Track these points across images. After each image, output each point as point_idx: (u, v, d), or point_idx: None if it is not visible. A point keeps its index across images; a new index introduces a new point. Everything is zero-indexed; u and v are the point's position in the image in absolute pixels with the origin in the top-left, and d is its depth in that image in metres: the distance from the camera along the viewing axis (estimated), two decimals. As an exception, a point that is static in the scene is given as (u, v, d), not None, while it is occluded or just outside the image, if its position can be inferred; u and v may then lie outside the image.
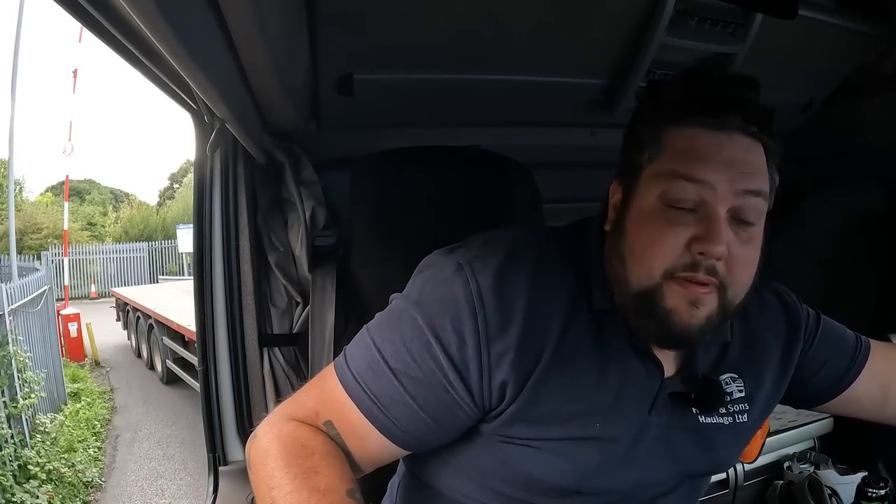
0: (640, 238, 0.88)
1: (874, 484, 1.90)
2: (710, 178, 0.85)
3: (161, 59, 1.09)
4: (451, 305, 0.87)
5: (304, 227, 1.60)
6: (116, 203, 30.80)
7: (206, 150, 1.52)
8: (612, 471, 0.93)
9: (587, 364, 0.90)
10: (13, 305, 5.98)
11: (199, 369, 1.61)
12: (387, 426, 0.88)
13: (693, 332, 0.87)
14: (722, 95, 0.88)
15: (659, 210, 0.87)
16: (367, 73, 1.60)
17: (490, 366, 0.86)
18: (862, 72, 2.09)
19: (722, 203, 0.85)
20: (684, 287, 0.85)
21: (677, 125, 0.89)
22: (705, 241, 0.83)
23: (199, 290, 1.59)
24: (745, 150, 0.88)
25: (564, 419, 0.89)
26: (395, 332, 0.89)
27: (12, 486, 4.72)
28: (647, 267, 0.86)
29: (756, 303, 1.04)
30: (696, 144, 0.87)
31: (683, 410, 0.97)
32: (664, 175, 0.87)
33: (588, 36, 1.68)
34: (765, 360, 1.04)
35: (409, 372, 0.87)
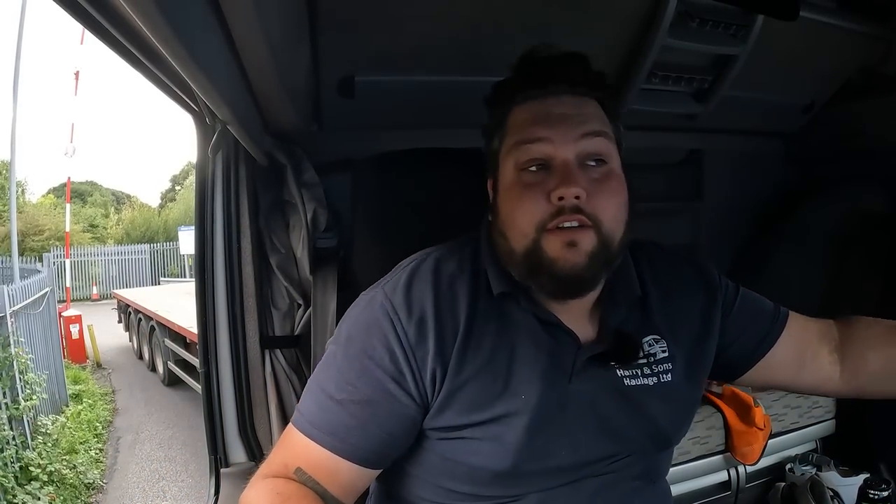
0: (509, 207, 0.97)
1: (876, 485, 1.90)
2: (548, 134, 0.95)
3: (163, 61, 1.09)
4: (374, 328, 0.97)
5: (305, 229, 1.60)
6: (118, 205, 30.83)
7: (207, 152, 1.52)
8: (545, 446, 0.97)
9: (498, 346, 0.98)
10: (15, 307, 5.98)
11: (201, 371, 1.61)
12: (350, 451, 0.95)
13: (580, 273, 0.93)
14: (547, 69, 0.99)
15: (516, 178, 0.96)
16: (368, 74, 1.60)
17: (419, 365, 0.95)
18: (863, 73, 2.09)
19: (564, 151, 0.94)
20: (557, 234, 0.92)
21: (515, 106, 1.00)
22: (560, 186, 0.91)
23: (200, 291, 1.59)
24: (575, 105, 0.97)
25: (488, 400, 0.95)
26: (333, 370, 0.99)
27: (14, 488, 4.72)
28: (520, 228, 0.95)
29: (672, 271, 1.13)
30: (529, 114, 0.98)
31: (606, 374, 1.02)
32: (512, 148, 0.98)
33: (589, 38, 1.68)
34: (684, 323, 1.09)
35: (353, 398, 0.95)
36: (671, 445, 1.11)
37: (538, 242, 0.93)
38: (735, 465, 2.08)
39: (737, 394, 2.04)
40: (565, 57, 1.00)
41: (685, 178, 2.41)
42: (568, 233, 0.92)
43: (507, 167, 0.99)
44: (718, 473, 2.08)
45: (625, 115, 1.87)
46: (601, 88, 1.02)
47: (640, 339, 1.05)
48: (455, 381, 0.95)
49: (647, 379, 1.03)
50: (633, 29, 1.66)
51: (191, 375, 7.32)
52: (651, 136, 2.20)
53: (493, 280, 1.01)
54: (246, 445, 1.62)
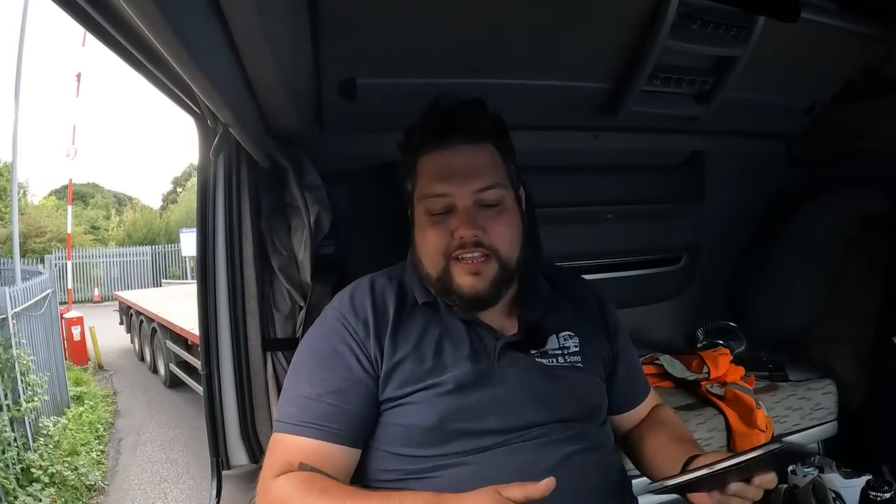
0: (422, 240, 1.21)
1: (878, 487, 1.89)
2: (447, 191, 1.17)
3: (164, 64, 1.09)
4: (332, 333, 1.21)
5: (308, 231, 1.60)
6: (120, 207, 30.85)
7: (209, 154, 1.52)
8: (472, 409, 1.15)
9: (423, 336, 1.20)
10: (16, 309, 5.97)
11: (203, 373, 1.61)
12: (337, 435, 1.13)
13: (483, 296, 1.18)
14: (445, 122, 1.20)
15: (426, 220, 1.20)
16: (370, 77, 1.60)
17: (368, 353, 1.18)
18: (865, 75, 2.09)
19: (463, 201, 1.17)
20: (463, 265, 1.16)
21: (422, 155, 1.22)
22: (459, 228, 1.15)
23: (202, 293, 1.59)
24: (469, 158, 1.19)
25: (418, 376, 1.16)
26: (304, 376, 1.19)
27: (15, 489, 4.71)
28: (432, 256, 1.19)
29: (573, 284, 1.41)
30: (433, 167, 1.20)
31: (526, 359, 1.23)
32: (421, 197, 1.20)
33: (591, 40, 1.69)
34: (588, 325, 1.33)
35: (328, 390, 1.15)
36: (600, 415, 1.29)
37: (447, 269, 1.17)
38: (737, 466, 2.08)
39: (739, 396, 2.04)
40: (461, 107, 1.21)
41: (686, 180, 2.41)
42: (473, 264, 1.16)
43: (420, 210, 1.21)
44: (720, 475, 2.08)
45: (626, 117, 1.89)
46: (493, 133, 1.23)
47: (556, 333, 1.27)
48: (390, 363, 1.17)
49: (560, 363, 1.25)
50: (634, 31, 1.67)
51: (192, 377, 7.30)
52: (652, 137, 2.21)
53: (417, 293, 1.25)
54: (248, 447, 1.61)
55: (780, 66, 1.92)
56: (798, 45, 1.84)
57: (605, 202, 2.28)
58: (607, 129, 2.09)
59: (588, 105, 1.91)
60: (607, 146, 2.14)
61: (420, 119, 1.24)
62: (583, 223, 2.32)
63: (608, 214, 2.32)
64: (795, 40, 1.80)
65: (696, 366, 2.21)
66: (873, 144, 2.18)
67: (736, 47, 1.76)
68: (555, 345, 1.26)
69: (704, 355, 2.22)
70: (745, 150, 2.43)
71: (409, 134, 1.26)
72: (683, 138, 2.29)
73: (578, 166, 2.22)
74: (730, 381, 2.12)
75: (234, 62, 1.07)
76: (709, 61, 1.85)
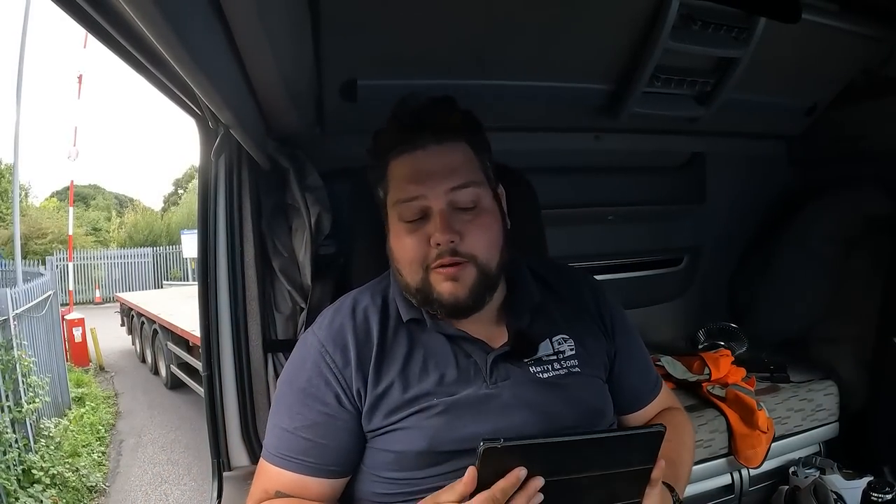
0: (399, 250, 1.15)
1: (880, 488, 1.89)
2: (421, 192, 1.11)
3: (166, 65, 1.09)
4: (309, 362, 1.16)
5: (309, 233, 1.60)
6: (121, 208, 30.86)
7: (210, 156, 1.52)
8: (465, 431, 1.09)
9: (409, 359, 1.15)
10: (18, 310, 5.97)
11: (204, 374, 1.61)
12: (312, 469, 1.12)
13: (464, 302, 1.12)
14: (413, 122, 1.14)
15: (401, 227, 1.14)
16: (370, 78, 1.60)
17: (347, 384, 1.13)
18: (866, 76, 2.09)
19: (437, 203, 1.10)
20: (441, 272, 1.10)
21: (392, 158, 1.15)
22: (435, 235, 1.09)
23: (203, 295, 1.59)
24: (441, 156, 1.13)
25: (405, 402, 1.11)
26: (283, 406, 1.17)
27: (16, 491, 4.71)
28: (409, 268, 1.13)
29: (568, 281, 1.33)
30: (404, 170, 1.14)
31: (520, 371, 1.17)
32: (394, 203, 1.14)
33: (592, 41, 1.69)
34: (584, 324, 1.27)
35: (302, 424, 1.13)
36: (605, 417, 1.23)
37: (426, 279, 1.12)
38: (738, 468, 2.08)
39: (740, 397, 2.04)
40: (429, 106, 1.15)
41: (688, 181, 2.41)
42: (450, 270, 1.10)
43: (393, 217, 1.16)
44: (722, 477, 2.08)
45: (627, 118, 1.89)
46: (465, 130, 1.17)
47: (549, 337, 1.21)
48: (374, 393, 1.12)
49: (557, 371, 1.19)
50: (635, 32, 1.67)
51: (193, 379, 7.31)
52: (653, 138, 2.21)
53: (401, 309, 1.19)
54: (248, 449, 1.61)
55: (780, 67, 1.92)
56: (799, 46, 1.84)
57: (606, 203, 2.28)
58: (608, 131, 2.09)
59: (589, 106, 1.91)
60: (608, 147, 2.14)
61: (388, 121, 1.18)
62: (584, 224, 2.32)
63: (609, 215, 2.32)
64: (796, 41, 1.80)
65: (697, 367, 2.21)
66: (874, 145, 2.18)
67: (737, 48, 1.76)
68: (549, 350, 1.20)
69: (706, 356, 2.22)
70: (746, 152, 2.43)
71: (377, 138, 1.20)
72: (684, 139, 2.29)
73: (579, 167, 2.22)
74: (731, 383, 2.12)
75: (236, 64, 1.07)
76: (710, 62, 1.85)
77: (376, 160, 1.19)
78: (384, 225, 1.21)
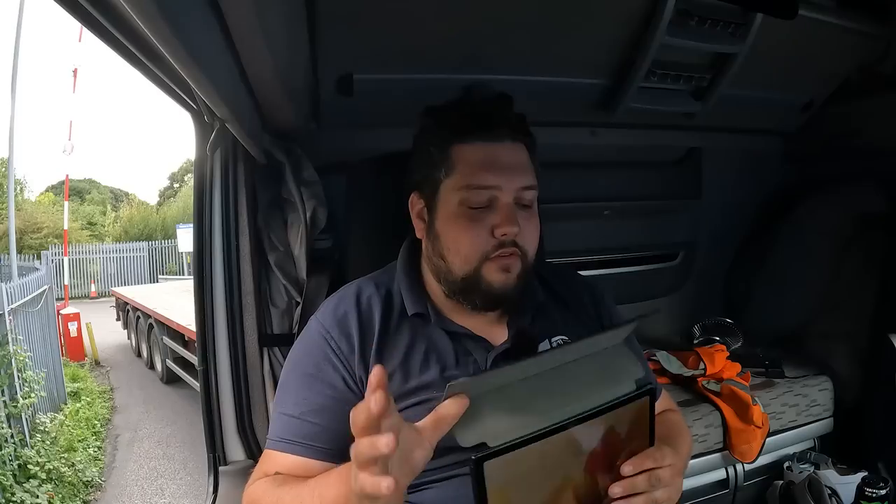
0: (454, 236, 1.14)
1: (874, 484, 1.90)
2: (496, 183, 1.12)
3: (161, 59, 1.09)
4: (314, 348, 1.17)
5: (304, 227, 1.60)
6: (116, 202, 30.74)
7: (206, 150, 1.52)
8: None
9: (410, 353, 1.17)
10: (13, 305, 5.96)
11: (200, 369, 1.61)
12: (320, 453, 1.11)
13: (512, 292, 1.15)
14: (490, 114, 1.14)
15: (462, 213, 1.13)
16: (367, 73, 1.60)
17: (352, 369, 1.15)
18: (862, 72, 2.09)
19: (507, 197, 1.12)
20: (495, 261, 1.12)
21: (463, 143, 1.14)
22: (503, 226, 1.10)
23: (199, 289, 1.59)
24: (514, 153, 1.15)
25: (406, 393, 1.13)
26: (289, 394, 1.17)
27: (12, 486, 4.70)
28: (465, 255, 1.13)
29: (568, 283, 1.36)
30: (478, 157, 1.13)
31: None
32: (461, 187, 1.13)
33: (588, 36, 1.68)
34: (583, 327, 1.28)
35: (310, 408, 1.13)
36: None
37: (479, 270, 1.13)
38: (733, 463, 2.09)
39: (735, 392, 2.05)
40: (501, 99, 1.16)
41: (684, 177, 2.41)
42: (504, 260, 1.12)
43: (452, 200, 1.14)
44: (716, 471, 2.09)
45: (624, 113, 1.89)
46: (527, 132, 1.19)
47: (548, 338, 1.22)
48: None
49: None
50: (632, 27, 1.66)
51: (189, 373, 7.30)
52: (649, 133, 2.21)
53: (407, 302, 1.21)
54: (244, 443, 1.62)
55: (777, 63, 1.92)
56: (795, 43, 1.84)
57: (601, 198, 2.28)
58: (604, 126, 2.09)
59: (585, 101, 1.91)
60: (604, 142, 2.14)
61: (454, 105, 1.18)
62: (579, 219, 2.32)
63: (605, 210, 2.32)
64: (793, 37, 1.80)
65: (692, 362, 2.22)
66: (870, 142, 2.18)
67: (733, 44, 1.76)
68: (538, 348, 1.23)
69: (701, 352, 2.22)
70: (742, 147, 2.43)
71: (441, 119, 1.18)
72: (680, 135, 2.29)
73: (575, 162, 2.22)
74: (726, 378, 2.13)
75: (231, 58, 1.07)
76: (706, 58, 1.85)
77: (436, 140, 1.17)
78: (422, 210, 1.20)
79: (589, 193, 2.27)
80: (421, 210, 1.21)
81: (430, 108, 1.20)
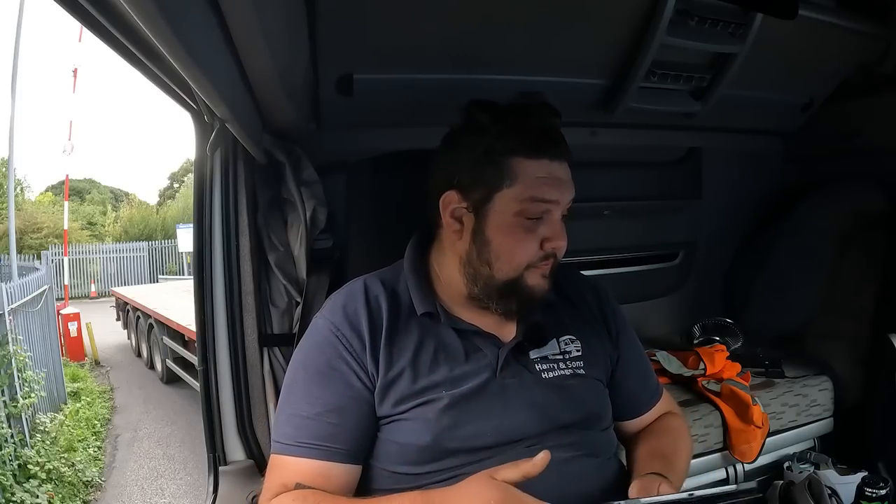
0: (505, 244, 1.16)
1: (874, 484, 1.89)
2: (556, 198, 1.17)
3: (161, 59, 1.08)
4: (326, 346, 1.17)
5: (304, 227, 1.60)
6: (116, 202, 30.74)
7: (206, 150, 1.51)
8: (468, 426, 1.14)
9: (420, 351, 1.17)
10: (13, 305, 5.96)
11: (200, 369, 1.60)
12: (340, 454, 1.12)
13: (545, 296, 1.20)
14: (551, 131, 1.18)
15: (519, 223, 1.15)
16: (367, 72, 1.60)
17: (364, 366, 1.15)
18: (862, 72, 2.09)
19: (559, 212, 1.18)
20: (541, 269, 1.17)
21: (528, 158, 1.15)
22: (555, 240, 1.17)
23: (199, 289, 1.59)
24: (566, 171, 1.20)
25: (415, 393, 1.14)
26: (300, 394, 1.16)
27: (12, 486, 4.70)
28: (513, 263, 1.16)
29: (574, 284, 1.39)
30: (543, 172, 1.16)
31: (528, 371, 1.22)
32: (524, 199, 1.14)
33: (588, 36, 1.68)
34: (589, 327, 1.33)
35: (326, 408, 1.13)
36: (602, 422, 1.28)
37: (522, 276, 1.16)
38: (733, 463, 2.08)
39: (735, 392, 2.05)
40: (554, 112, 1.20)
41: (684, 177, 2.41)
42: (545, 268, 1.18)
43: (509, 209, 1.15)
44: (716, 471, 2.09)
45: (623, 114, 1.89)
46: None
47: (556, 337, 1.27)
48: (385, 379, 1.14)
49: (563, 371, 1.24)
50: (632, 27, 1.66)
51: (189, 373, 7.31)
52: (649, 133, 2.21)
53: (416, 301, 1.21)
54: (244, 443, 1.61)
55: (777, 62, 1.92)
56: (795, 43, 1.84)
57: (601, 198, 2.28)
58: (604, 126, 2.08)
59: (585, 101, 1.91)
60: (604, 142, 2.13)
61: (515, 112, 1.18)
62: (579, 219, 2.30)
63: (605, 210, 2.32)
64: (793, 37, 1.80)
65: (692, 362, 2.21)
66: (870, 141, 2.18)
67: (733, 44, 1.76)
68: (556, 350, 1.26)
69: (701, 352, 2.22)
70: (742, 147, 2.43)
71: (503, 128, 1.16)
72: (680, 135, 2.29)
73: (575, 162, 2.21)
74: (726, 378, 2.13)
75: (231, 58, 1.07)
76: (706, 58, 1.85)
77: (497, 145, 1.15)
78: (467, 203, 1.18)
79: (589, 193, 2.25)
80: (458, 211, 1.19)
81: (479, 107, 1.20)
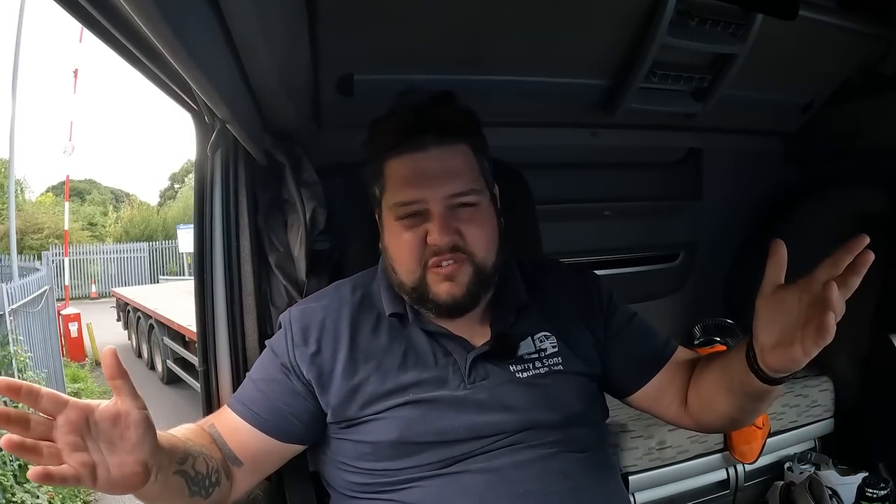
0: (395, 249, 1.15)
1: (874, 484, 1.90)
2: (420, 196, 1.10)
3: (162, 60, 1.09)
4: (280, 332, 1.24)
5: (303, 228, 1.60)
6: (117, 203, 30.79)
7: (206, 151, 1.51)
8: (439, 424, 1.12)
9: (388, 353, 1.17)
10: (14, 305, 5.97)
11: (200, 370, 1.60)
12: (252, 417, 1.16)
13: (459, 301, 1.13)
14: (414, 121, 1.12)
15: (398, 226, 1.13)
16: (367, 73, 1.60)
17: (298, 363, 1.18)
18: (862, 73, 2.09)
19: (435, 206, 1.10)
20: (437, 272, 1.11)
21: (390, 158, 1.14)
22: (432, 235, 1.10)
23: (199, 290, 1.59)
24: (441, 159, 1.12)
25: (383, 395, 1.14)
26: (258, 363, 1.26)
27: (13, 486, 4.70)
28: (406, 266, 1.13)
29: (557, 277, 1.32)
30: (403, 171, 1.13)
31: (500, 370, 1.17)
32: (392, 206, 1.13)
33: (589, 37, 1.68)
34: (570, 320, 1.26)
35: (262, 376, 1.20)
36: (586, 419, 1.21)
37: (423, 278, 1.13)
38: (734, 463, 2.09)
39: (735, 392, 2.04)
40: (430, 103, 1.13)
41: (684, 177, 2.41)
42: (447, 269, 1.11)
43: (389, 216, 1.15)
44: (717, 472, 2.09)
45: (624, 114, 1.89)
46: (467, 131, 1.16)
47: (530, 335, 1.21)
48: (350, 383, 1.15)
49: (538, 370, 1.19)
50: (633, 28, 1.67)
51: (190, 374, 7.30)
52: (650, 134, 2.21)
53: (385, 303, 1.21)
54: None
55: (777, 63, 1.92)
56: (796, 43, 1.84)
57: (602, 199, 2.28)
58: (605, 126, 2.09)
59: (586, 102, 1.91)
60: (605, 143, 2.14)
61: (385, 117, 1.16)
62: (580, 220, 2.32)
63: (605, 211, 2.32)
64: (793, 38, 1.81)
65: (693, 363, 2.21)
66: (871, 142, 2.18)
67: (734, 45, 1.76)
68: (530, 349, 1.20)
69: (701, 352, 2.22)
70: (742, 148, 2.43)
71: (374, 133, 1.17)
72: (681, 135, 2.29)
73: (576, 163, 2.22)
74: (727, 378, 2.13)
75: (232, 59, 1.07)
76: (707, 58, 1.85)
77: (372, 157, 1.18)
78: (378, 221, 1.22)
79: (589, 194, 2.27)
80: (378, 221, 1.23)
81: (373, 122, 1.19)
